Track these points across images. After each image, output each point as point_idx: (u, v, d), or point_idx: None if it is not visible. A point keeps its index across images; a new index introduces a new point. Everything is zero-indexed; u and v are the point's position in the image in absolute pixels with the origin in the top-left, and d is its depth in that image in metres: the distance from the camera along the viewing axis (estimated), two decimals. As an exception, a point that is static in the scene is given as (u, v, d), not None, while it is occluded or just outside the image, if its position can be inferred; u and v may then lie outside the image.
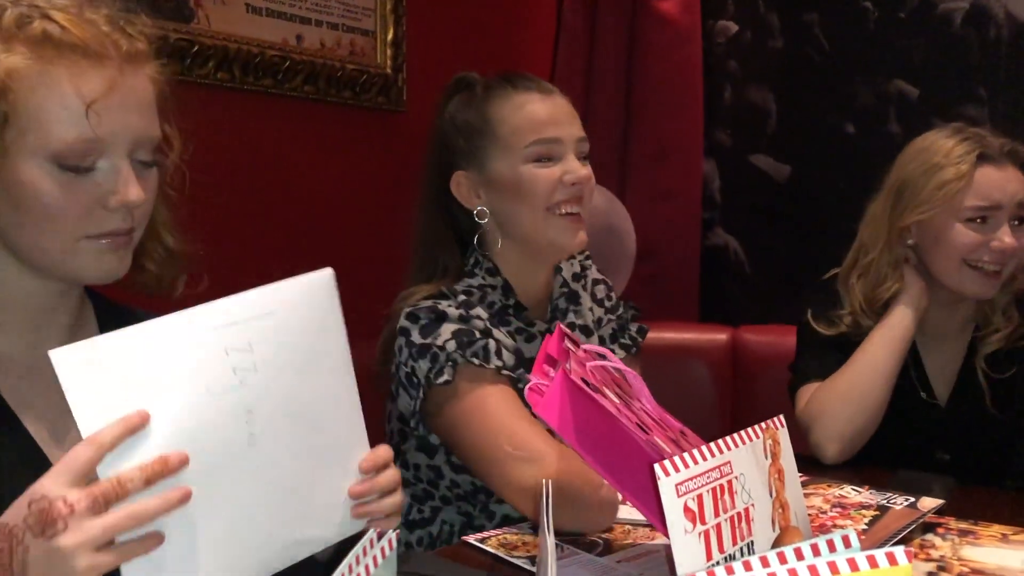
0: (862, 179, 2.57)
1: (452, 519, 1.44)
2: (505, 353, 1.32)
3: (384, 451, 0.90)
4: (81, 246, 0.91)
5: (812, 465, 1.54)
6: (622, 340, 1.58)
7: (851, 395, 1.57)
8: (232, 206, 1.88)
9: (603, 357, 1.02)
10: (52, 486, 0.71)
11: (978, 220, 1.55)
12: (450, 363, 1.28)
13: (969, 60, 2.38)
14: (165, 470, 0.73)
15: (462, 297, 1.39)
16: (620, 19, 2.71)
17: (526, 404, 1.26)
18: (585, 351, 1.02)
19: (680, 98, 2.68)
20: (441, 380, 1.28)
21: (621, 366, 1.03)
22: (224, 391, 0.74)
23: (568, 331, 1.04)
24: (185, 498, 0.74)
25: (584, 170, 1.42)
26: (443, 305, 1.34)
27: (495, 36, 2.53)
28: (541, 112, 1.42)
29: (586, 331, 1.52)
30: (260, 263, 1.98)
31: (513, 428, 1.24)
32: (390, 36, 2.20)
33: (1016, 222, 1.56)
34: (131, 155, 0.91)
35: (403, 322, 1.35)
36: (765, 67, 2.67)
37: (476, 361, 1.28)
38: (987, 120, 2.34)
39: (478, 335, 1.32)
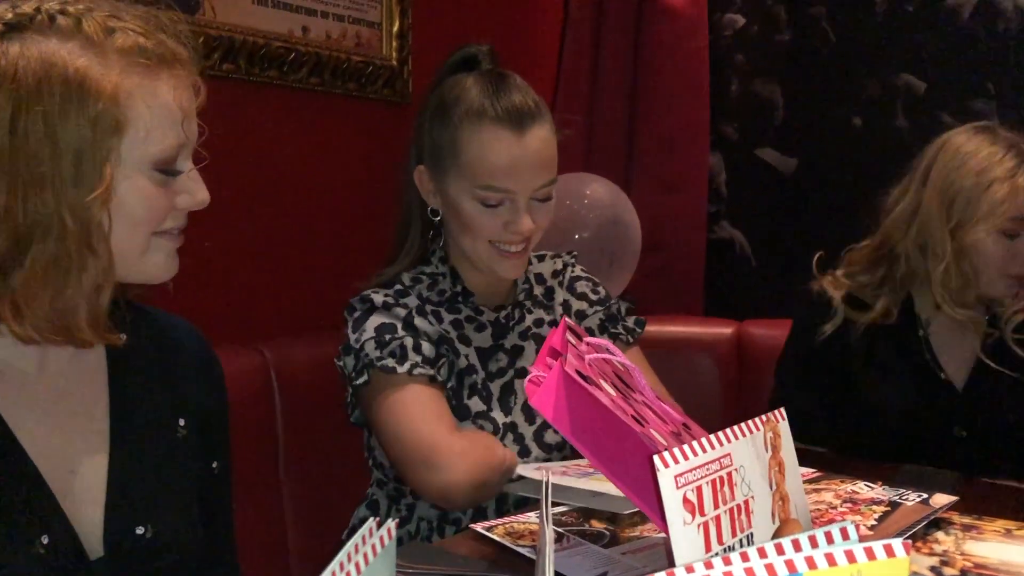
0: (869, 173, 2.55)
1: (428, 515, 1.45)
2: (424, 346, 1.36)
3: None
4: (153, 243, 0.94)
5: (814, 459, 1.53)
6: (612, 330, 1.57)
7: None
8: (236, 197, 1.88)
9: (607, 351, 1.02)
10: None
11: (1013, 234, 1.56)
12: (366, 367, 1.35)
13: (977, 54, 2.36)
14: None
15: (399, 286, 1.44)
16: (627, 12, 2.70)
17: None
18: (588, 344, 1.02)
19: (686, 91, 2.67)
20: (360, 381, 1.35)
21: (625, 360, 1.03)
22: None
23: (573, 324, 1.03)
24: None
25: (527, 225, 1.39)
26: (377, 294, 1.40)
27: (501, 29, 2.52)
28: (502, 157, 1.37)
29: (555, 326, 1.53)
30: (265, 254, 1.99)
31: (421, 433, 1.31)
32: (396, 28, 2.19)
33: None
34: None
35: (345, 314, 1.42)
36: (772, 60, 2.65)
37: (391, 363, 1.33)
38: (995, 114, 2.33)
39: (399, 329, 1.36)
